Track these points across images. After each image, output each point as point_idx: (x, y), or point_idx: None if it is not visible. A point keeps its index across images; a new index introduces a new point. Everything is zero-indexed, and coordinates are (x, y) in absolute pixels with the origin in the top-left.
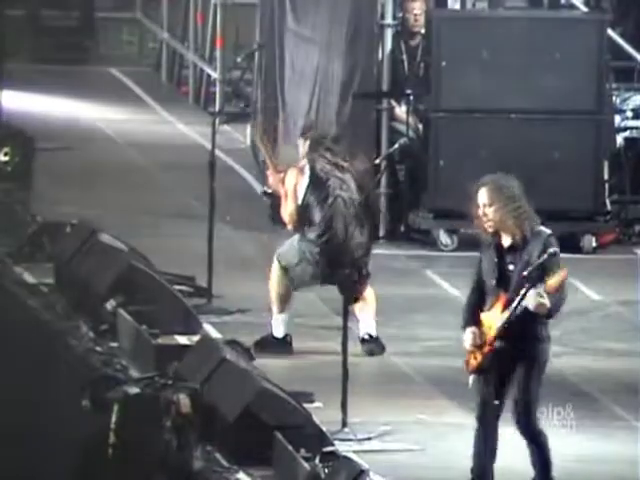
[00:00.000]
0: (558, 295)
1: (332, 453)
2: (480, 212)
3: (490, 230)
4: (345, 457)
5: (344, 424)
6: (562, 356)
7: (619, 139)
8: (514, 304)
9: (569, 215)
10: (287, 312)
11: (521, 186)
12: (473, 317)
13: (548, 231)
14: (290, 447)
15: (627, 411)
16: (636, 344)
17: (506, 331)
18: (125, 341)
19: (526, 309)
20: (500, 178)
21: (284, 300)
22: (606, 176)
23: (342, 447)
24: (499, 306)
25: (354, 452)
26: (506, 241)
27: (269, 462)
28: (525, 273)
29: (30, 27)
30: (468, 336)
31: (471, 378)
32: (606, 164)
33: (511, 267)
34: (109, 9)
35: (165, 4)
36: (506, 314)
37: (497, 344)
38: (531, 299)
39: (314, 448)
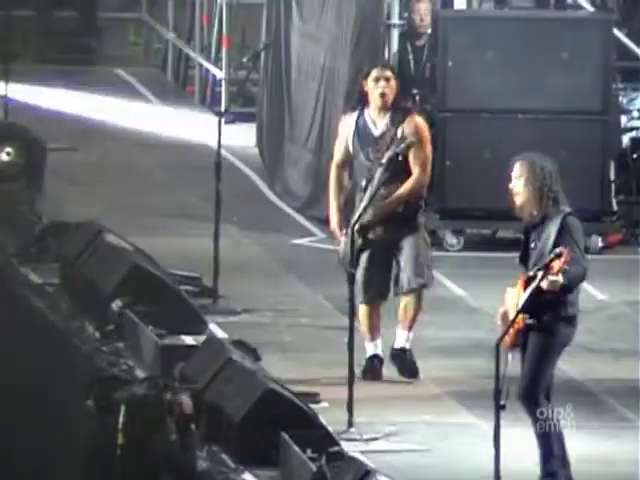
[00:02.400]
0: (575, 269)
1: (338, 453)
2: (511, 185)
3: (517, 203)
4: (351, 457)
5: (350, 424)
6: (566, 356)
7: (625, 139)
8: (532, 285)
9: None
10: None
11: (555, 166)
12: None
13: (567, 209)
14: (296, 447)
15: (632, 412)
16: None
17: (529, 309)
18: (131, 341)
19: (541, 288)
20: (534, 155)
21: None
22: (612, 176)
23: (348, 447)
24: (520, 284)
25: (360, 452)
26: (531, 218)
27: (275, 462)
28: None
29: (36, 28)
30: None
31: (509, 355)
32: (612, 164)
33: (532, 245)
34: (115, 9)
35: (171, 4)
36: (527, 293)
37: (526, 321)
38: (546, 279)
39: (320, 448)
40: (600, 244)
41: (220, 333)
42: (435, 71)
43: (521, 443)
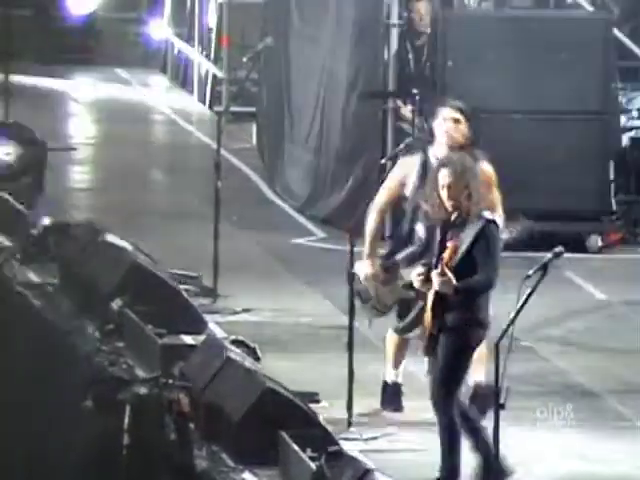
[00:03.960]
0: (478, 277)
1: (338, 453)
2: (440, 191)
3: (449, 210)
4: (351, 457)
5: (350, 424)
6: (566, 356)
7: (625, 139)
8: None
9: (575, 215)
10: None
11: (473, 164)
12: None
13: (490, 217)
14: (296, 447)
15: (632, 411)
16: None
17: (435, 313)
18: (131, 341)
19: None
20: (459, 159)
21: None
22: (612, 176)
23: (348, 447)
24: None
25: (360, 452)
26: (454, 217)
27: (275, 462)
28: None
29: (36, 27)
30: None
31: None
32: (612, 164)
33: (449, 244)
34: (114, 9)
35: (170, 3)
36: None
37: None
38: (435, 280)
39: (320, 448)
40: (599, 243)
41: (220, 332)
42: (435, 70)
43: (521, 442)
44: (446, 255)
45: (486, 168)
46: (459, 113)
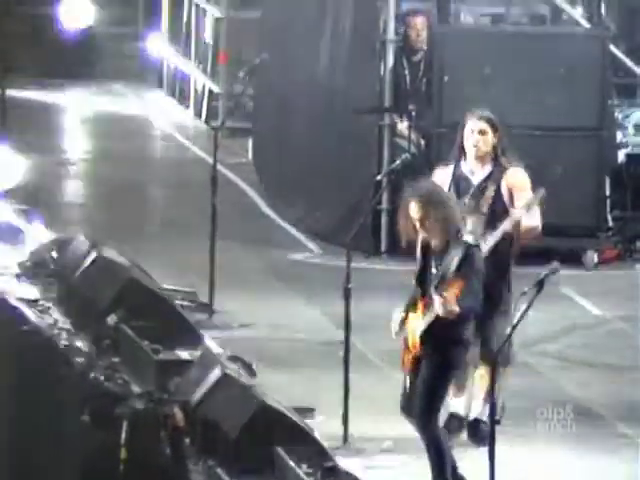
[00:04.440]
0: (473, 297)
1: (334, 468)
2: (414, 223)
3: (424, 239)
4: (346, 472)
5: (346, 439)
6: (563, 371)
7: (621, 155)
8: (424, 322)
9: (571, 231)
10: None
11: (442, 193)
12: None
13: (472, 241)
14: (292, 462)
15: (630, 428)
16: (636, 360)
17: (427, 335)
18: (126, 356)
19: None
20: (427, 188)
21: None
22: (608, 192)
23: (344, 462)
24: (420, 309)
25: (356, 467)
26: (434, 245)
27: (270, 477)
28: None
29: (33, 42)
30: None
31: (407, 377)
32: (608, 180)
33: (434, 271)
34: (111, 24)
35: (167, 18)
36: (426, 319)
37: (424, 348)
38: (438, 305)
39: (316, 463)
40: (595, 260)
41: (216, 348)
42: (431, 86)
43: (517, 459)
44: (454, 291)
45: (517, 172)
46: (486, 123)
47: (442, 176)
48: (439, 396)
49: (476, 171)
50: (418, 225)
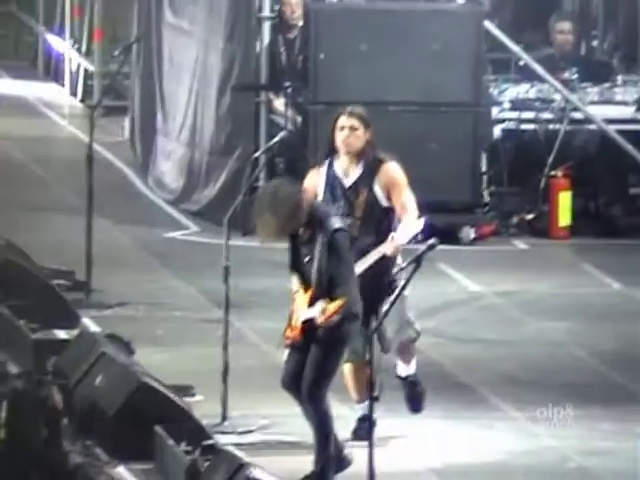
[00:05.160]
0: (344, 288)
1: (212, 446)
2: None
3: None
4: (225, 450)
5: (224, 417)
6: (439, 347)
7: (496, 131)
8: (306, 314)
9: (447, 207)
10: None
11: (288, 181)
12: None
13: (336, 225)
14: (170, 441)
15: (505, 402)
16: (512, 335)
17: (307, 326)
18: (3, 335)
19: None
20: (269, 197)
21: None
22: (484, 168)
23: (222, 440)
24: (307, 298)
25: (234, 445)
26: (300, 237)
27: (150, 456)
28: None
29: None
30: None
31: (286, 351)
32: (484, 156)
33: (307, 259)
34: None
35: None
36: (308, 313)
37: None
38: (318, 314)
39: (194, 442)
40: (472, 235)
41: (93, 327)
42: (307, 64)
43: (394, 434)
44: (332, 307)
45: (392, 169)
46: (357, 119)
47: (315, 179)
48: (332, 372)
49: (349, 172)
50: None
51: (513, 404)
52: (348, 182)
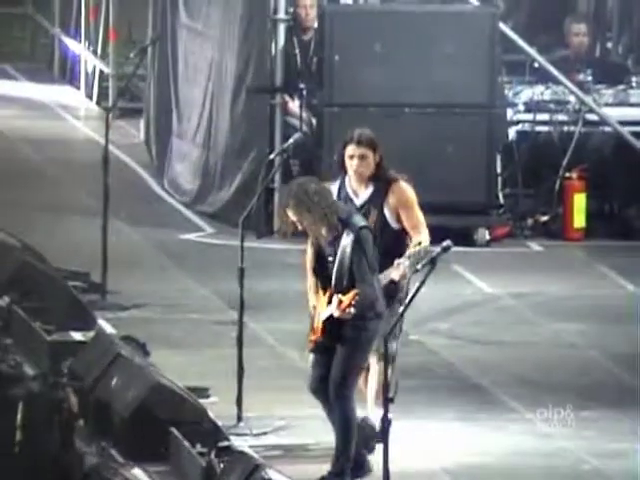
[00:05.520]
0: (364, 286)
1: (228, 448)
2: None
3: (304, 226)
4: (240, 452)
5: (239, 419)
6: (454, 349)
7: (511, 132)
8: (325, 312)
9: (462, 208)
10: None
11: (318, 184)
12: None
13: (361, 223)
14: (186, 442)
15: (519, 403)
16: (527, 336)
17: (328, 324)
18: (19, 337)
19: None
20: (297, 190)
21: None
22: (499, 169)
23: (238, 442)
24: (326, 299)
25: (250, 447)
26: (324, 237)
27: (165, 458)
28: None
29: None
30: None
31: (311, 356)
32: (499, 157)
33: (330, 258)
34: (0, 4)
35: None
36: (327, 311)
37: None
38: (334, 308)
39: (210, 443)
40: (487, 237)
41: (109, 329)
42: (322, 65)
43: (409, 436)
44: (348, 300)
45: (403, 189)
46: (365, 148)
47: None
48: (354, 368)
49: (359, 192)
50: (301, 227)
51: (527, 405)
52: (359, 202)
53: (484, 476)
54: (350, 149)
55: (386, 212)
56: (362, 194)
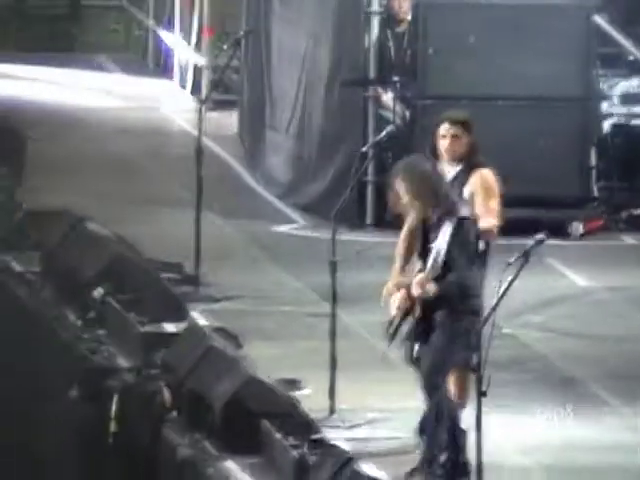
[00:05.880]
0: (452, 277)
1: (320, 440)
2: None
3: (419, 214)
4: (333, 444)
5: (332, 411)
6: (547, 341)
7: (606, 125)
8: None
9: (556, 202)
10: None
11: (426, 166)
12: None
13: (463, 213)
14: (278, 435)
15: (614, 397)
16: (622, 330)
17: (423, 306)
18: (112, 329)
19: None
20: (411, 166)
21: None
22: (593, 162)
23: (330, 434)
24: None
25: (343, 439)
26: (430, 219)
27: (257, 450)
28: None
29: (16, 15)
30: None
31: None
32: (593, 150)
33: (432, 244)
34: None
35: None
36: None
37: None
38: (414, 286)
39: (302, 436)
40: (581, 230)
41: (202, 320)
42: (415, 58)
43: (502, 430)
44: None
45: (484, 175)
46: (459, 127)
47: None
48: (448, 361)
49: (448, 171)
50: (408, 201)
51: (622, 399)
52: (449, 177)
53: (580, 471)
54: (443, 128)
55: (465, 194)
56: (449, 173)
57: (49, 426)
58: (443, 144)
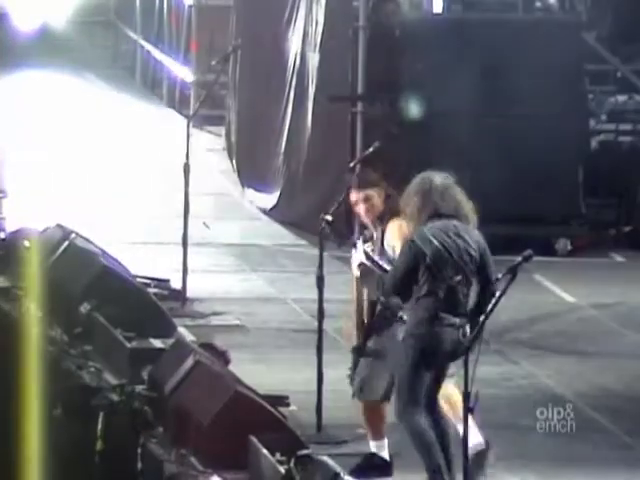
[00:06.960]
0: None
1: (307, 456)
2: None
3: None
4: (320, 460)
5: (319, 427)
6: (535, 359)
7: (594, 142)
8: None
9: (544, 218)
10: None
11: (449, 183)
12: None
13: (413, 238)
14: (265, 450)
15: (601, 414)
16: (610, 347)
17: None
18: (99, 344)
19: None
20: (432, 173)
21: None
22: (581, 179)
23: (317, 450)
24: None
25: (329, 455)
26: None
27: (244, 466)
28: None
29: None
30: None
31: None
32: (581, 167)
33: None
34: (83, 12)
35: (139, 7)
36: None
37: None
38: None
39: (289, 451)
40: (568, 247)
41: (189, 336)
42: (403, 74)
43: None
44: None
45: (388, 231)
46: (367, 189)
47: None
48: (411, 389)
49: (374, 232)
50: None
51: (610, 417)
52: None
53: None
54: (352, 196)
55: (386, 249)
56: (375, 235)
57: (33, 445)
58: (359, 212)
